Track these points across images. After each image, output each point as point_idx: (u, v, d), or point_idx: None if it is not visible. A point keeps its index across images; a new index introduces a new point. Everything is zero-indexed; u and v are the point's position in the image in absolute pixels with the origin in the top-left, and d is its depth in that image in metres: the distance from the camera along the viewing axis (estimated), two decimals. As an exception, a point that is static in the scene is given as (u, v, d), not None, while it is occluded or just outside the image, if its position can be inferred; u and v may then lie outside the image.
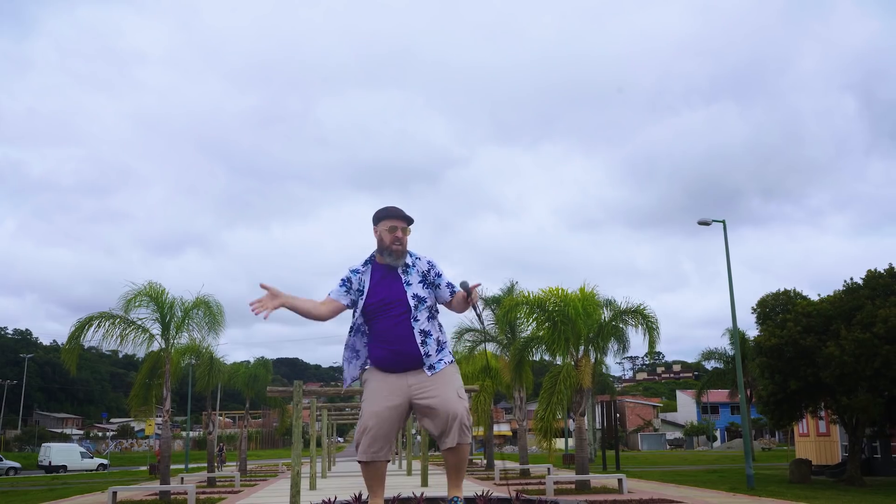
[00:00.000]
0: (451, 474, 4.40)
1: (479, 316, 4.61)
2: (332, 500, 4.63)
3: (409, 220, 4.45)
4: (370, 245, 4.54)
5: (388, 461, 4.33)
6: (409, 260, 4.47)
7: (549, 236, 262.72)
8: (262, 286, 4.16)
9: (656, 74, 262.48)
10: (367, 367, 4.46)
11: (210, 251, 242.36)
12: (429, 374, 4.30)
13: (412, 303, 4.33)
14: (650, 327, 19.93)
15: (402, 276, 4.41)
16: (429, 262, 4.51)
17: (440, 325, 4.51)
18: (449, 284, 4.46)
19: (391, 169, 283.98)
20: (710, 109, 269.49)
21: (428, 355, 4.31)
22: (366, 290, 4.39)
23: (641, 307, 20.17)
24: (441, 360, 4.37)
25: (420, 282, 4.42)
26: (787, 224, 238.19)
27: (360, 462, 4.30)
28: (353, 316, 4.46)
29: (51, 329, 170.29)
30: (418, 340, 4.29)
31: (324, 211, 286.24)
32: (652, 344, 20.23)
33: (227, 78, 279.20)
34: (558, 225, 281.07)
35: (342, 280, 4.43)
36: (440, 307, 4.58)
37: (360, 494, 4.53)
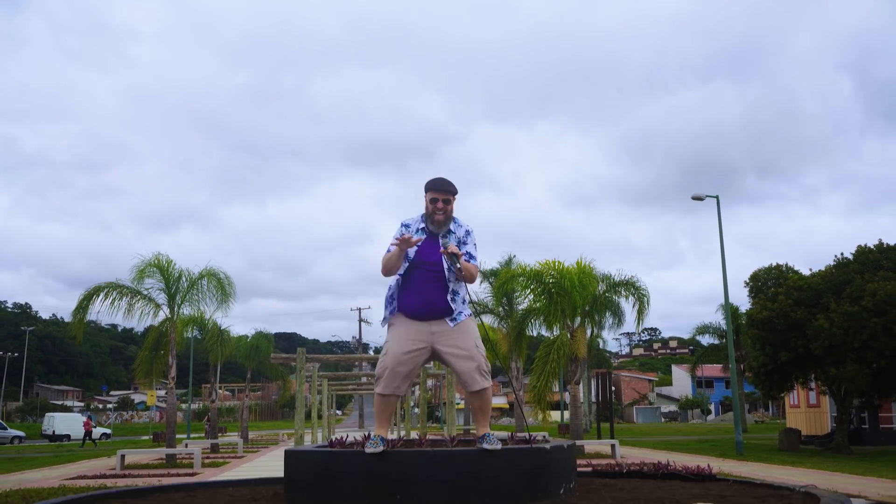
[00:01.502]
0: (478, 416, 5.03)
1: (459, 269, 4.91)
2: (345, 437, 5.11)
3: (453, 192, 5.00)
4: (366, 222, 5.16)
5: (402, 396, 4.90)
6: (451, 226, 5.03)
7: (545, 213, 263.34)
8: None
9: (652, 51, 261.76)
10: (394, 313, 5.00)
11: (206, 227, 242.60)
12: (451, 325, 4.90)
13: (446, 264, 4.88)
14: (641, 298, 20.44)
15: (441, 239, 4.98)
16: (466, 231, 5.10)
17: (465, 287, 5.07)
18: (468, 253, 4.99)
19: (387, 145, 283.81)
20: (705, 88, 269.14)
21: (453, 309, 4.90)
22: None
23: (633, 279, 20.65)
24: (462, 312, 4.96)
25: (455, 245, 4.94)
26: (783, 202, 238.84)
27: (379, 394, 4.89)
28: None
29: (49, 304, 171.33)
30: (449, 298, 4.90)
31: (319, 188, 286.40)
32: (641, 313, 20.73)
33: (220, 54, 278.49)
34: (554, 202, 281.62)
35: (396, 237, 4.91)
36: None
37: (369, 433, 5.01)
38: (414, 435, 25.68)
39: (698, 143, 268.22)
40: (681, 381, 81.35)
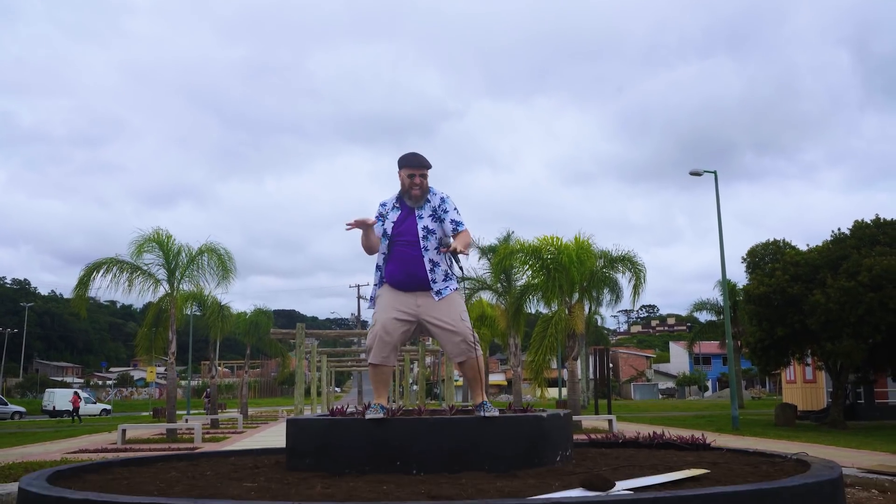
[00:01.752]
0: (472, 385, 5.14)
1: (460, 268, 5.17)
2: (345, 406, 5.20)
3: (427, 167, 5.09)
4: (364, 198, 5.34)
5: (394, 367, 4.97)
6: (428, 196, 5.12)
7: (543, 190, 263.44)
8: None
9: (651, 26, 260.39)
10: (381, 285, 5.14)
11: (204, 204, 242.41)
12: (436, 298, 5.00)
13: (421, 233, 5.00)
14: (637, 273, 20.52)
15: (417, 212, 5.08)
16: (441, 199, 5.16)
17: (450, 258, 5.14)
18: (454, 221, 5.10)
19: (385, 121, 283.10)
20: (704, 63, 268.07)
21: (434, 281, 5.00)
22: (389, 221, 5.08)
23: (630, 254, 20.72)
24: (447, 287, 5.07)
25: (430, 215, 5.09)
26: (781, 179, 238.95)
27: (370, 364, 5.02)
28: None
29: (47, 280, 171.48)
30: (427, 267, 4.99)
31: (317, 164, 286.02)
32: (638, 288, 20.82)
33: (216, 28, 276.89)
34: (552, 178, 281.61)
35: (377, 216, 5.10)
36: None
37: (370, 403, 5.09)
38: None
39: (697, 119, 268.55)
40: (678, 358, 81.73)
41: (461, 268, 5.04)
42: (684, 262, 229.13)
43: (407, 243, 5.01)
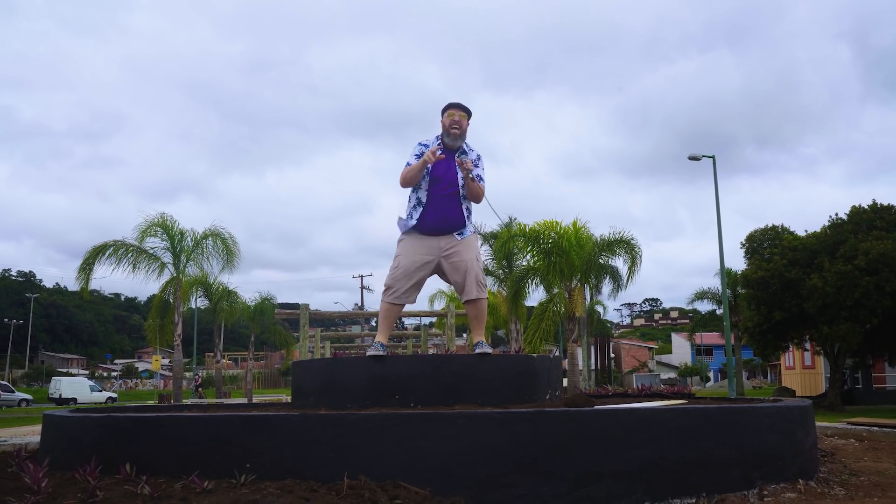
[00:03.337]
0: (473, 324, 5.45)
1: (471, 179, 5.40)
2: (346, 351, 5.50)
3: (468, 113, 5.43)
4: (366, 192, 5.54)
5: (404, 306, 5.32)
6: (465, 148, 5.46)
7: (544, 184, 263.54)
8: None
9: (651, 20, 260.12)
10: (408, 230, 5.40)
11: (205, 198, 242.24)
12: (458, 238, 5.34)
13: (460, 182, 5.34)
14: (633, 255, 20.76)
15: (457, 157, 5.40)
16: (478, 155, 5.53)
17: (471, 205, 5.52)
18: (478, 176, 5.43)
19: (385, 115, 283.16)
20: (704, 57, 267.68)
21: (465, 224, 5.37)
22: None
23: (625, 236, 20.94)
24: (467, 229, 5.42)
25: None
26: (782, 172, 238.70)
27: (388, 303, 5.32)
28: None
29: (51, 273, 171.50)
30: (464, 212, 5.38)
31: (318, 158, 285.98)
32: (633, 268, 21.05)
33: (215, 23, 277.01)
34: (552, 173, 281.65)
35: (416, 154, 5.37)
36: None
37: (371, 342, 5.40)
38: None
39: (697, 113, 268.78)
40: (680, 349, 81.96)
41: (472, 179, 5.26)
42: (686, 255, 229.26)
43: (447, 187, 5.30)
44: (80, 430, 4.58)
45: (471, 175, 5.21)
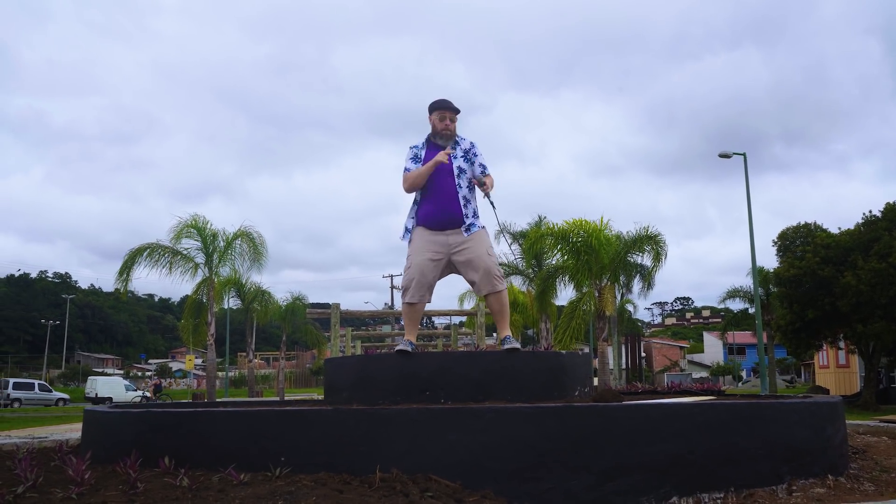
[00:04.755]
0: (497, 319, 5.49)
1: (492, 203, 5.56)
2: (377, 349, 5.59)
3: (456, 111, 5.55)
4: (392, 192, 5.64)
5: (425, 305, 5.37)
6: (457, 139, 5.58)
7: (571, 183, 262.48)
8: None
9: (677, 17, 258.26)
10: (414, 227, 5.51)
11: (234, 199, 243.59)
12: (466, 234, 5.39)
13: (456, 171, 5.42)
14: (657, 249, 20.73)
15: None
16: (471, 143, 5.63)
17: (476, 199, 5.58)
18: (481, 165, 5.57)
19: (411, 115, 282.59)
20: (731, 54, 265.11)
21: (467, 216, 5.40)
22: (423, 161, 5.49)
23: (651, 231, 20.89)
24: (475, 223, 5.47)
25: (462, 156, 5.54)
26: (812, 170, 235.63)
27: (407, 304, 5.39)
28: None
29: (85, 275, 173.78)
30: (461, 203, 5.40)
31: (345, 158, 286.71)
32: (658, 261, 20.99)
33: (241, 26, 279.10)
34: (579, 171, 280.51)
35: (411, 158, 5.53)
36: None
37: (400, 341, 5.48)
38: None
39: (724, 110, 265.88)
40: (712, 348, 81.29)
41: (493, 204, 5.45)
42: (716, 254, 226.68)
43: (441, 179, 5.39)
44: (120, 425, 4.72)
45: (489, 198, 5.41)
